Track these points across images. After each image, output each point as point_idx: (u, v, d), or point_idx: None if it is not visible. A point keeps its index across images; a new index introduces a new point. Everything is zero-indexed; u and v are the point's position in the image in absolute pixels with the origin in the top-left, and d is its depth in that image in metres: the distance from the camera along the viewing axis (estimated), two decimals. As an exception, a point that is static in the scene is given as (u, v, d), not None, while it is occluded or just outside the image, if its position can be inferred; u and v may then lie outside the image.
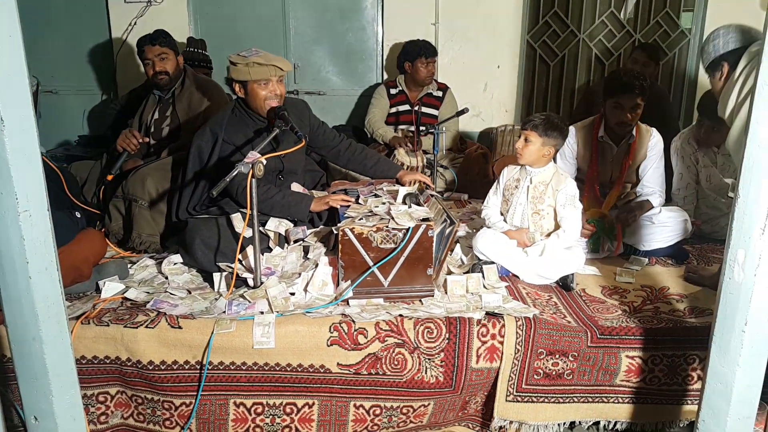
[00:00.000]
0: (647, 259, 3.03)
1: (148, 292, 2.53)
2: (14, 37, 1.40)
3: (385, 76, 5.08)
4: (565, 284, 2.70)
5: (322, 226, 2.80)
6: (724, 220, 3.32)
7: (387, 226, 2.41)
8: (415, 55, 4.42)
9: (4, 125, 1.41)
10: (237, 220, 2.67)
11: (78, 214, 2.69)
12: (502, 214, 2.90)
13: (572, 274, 2.70)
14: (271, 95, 2.73)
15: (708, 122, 3.22)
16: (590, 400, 2.41)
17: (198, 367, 2.28)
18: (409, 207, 2.58)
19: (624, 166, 3.13)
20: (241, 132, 2.81)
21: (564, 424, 2.45)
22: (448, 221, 2.58)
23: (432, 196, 2.94)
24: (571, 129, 3.06)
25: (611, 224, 3.05)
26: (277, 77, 2.73)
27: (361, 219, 2.48)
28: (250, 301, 2.37)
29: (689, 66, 5.16)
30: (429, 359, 2.31)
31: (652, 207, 3.11)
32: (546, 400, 2.39)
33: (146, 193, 3.00)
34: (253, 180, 2.25)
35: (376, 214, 2.53)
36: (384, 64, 5.09)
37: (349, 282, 2.44)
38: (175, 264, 2.74)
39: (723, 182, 3.34)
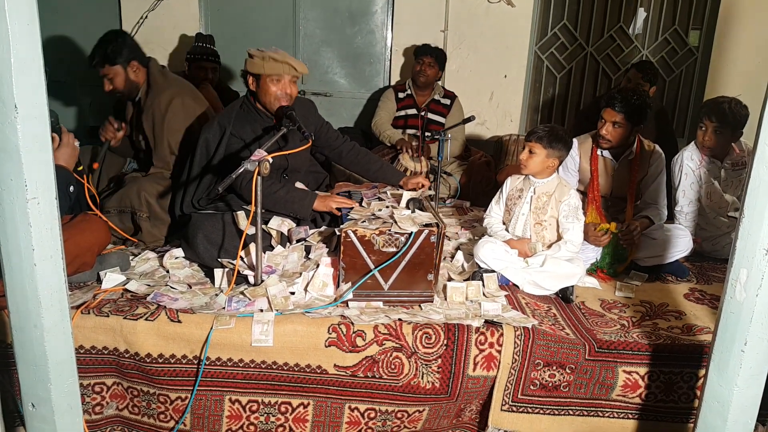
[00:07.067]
0: (647, 275, 3.04)
1: (148, 285, 2.53)
2: (32, 26, 1.40)
3: (393, 81, 5.09)
4: (564, 296, 2.70)
5: (324, 227, 2.80)
6: (725, 239, 3.32)
7: (390, 230, 2.42)
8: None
9: (17, 112, 1.41)
10: (241, 217, 2.67)
11: (72, 188, 2.65)
12: (504, 223, 2.90)
13: (572, 286, 2.71)
14: (281, 93, 2.74)
15: (711, 123, 3.22)
16: (586, 413, 2.41)
17: (195, 361, 2.28)
18: (413, 212, 2.59)
19: (632, 182, 3.13)
20: (248, 126, 2.82)
21: (558, 436, 2.45)
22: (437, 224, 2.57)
23: (428, 197, 2.93)
24: (574, 141, 3.07)
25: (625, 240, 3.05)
26: (290, 76, 2.75)
27: (364, 221, 2.49)
28: (250, 299, 2.37)
29: (695, 84, 5.18)
30: (426, 365, 2.31)
31: (652, 223, 3.10)
32: (541, 412, 2.39)
33: (143, 203, 3.01)
34: (259, 178, 2.26)
35: (379, 217, 2.54)
36: (392, 68, 5.11)
37: (349, 284, 2.44)
38: (176, 258, 2.74)
39: (723, 200, 3.32)
